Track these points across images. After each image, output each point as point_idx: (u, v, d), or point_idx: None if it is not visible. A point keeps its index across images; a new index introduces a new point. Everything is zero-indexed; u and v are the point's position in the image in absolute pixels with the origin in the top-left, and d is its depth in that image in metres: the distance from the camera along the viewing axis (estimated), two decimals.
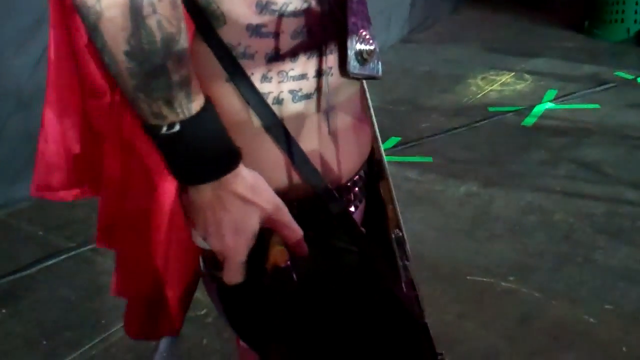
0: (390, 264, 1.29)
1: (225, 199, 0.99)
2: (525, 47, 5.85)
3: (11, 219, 3.44)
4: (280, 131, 1.12)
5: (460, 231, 3.28)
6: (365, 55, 1.19)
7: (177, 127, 0.94)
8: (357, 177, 1.28)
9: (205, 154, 0.97)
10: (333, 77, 1.17)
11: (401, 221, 1.33)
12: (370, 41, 1.19)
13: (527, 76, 5.20)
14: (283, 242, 1.04)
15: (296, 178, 1.16)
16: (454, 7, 6.86)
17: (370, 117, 1.35)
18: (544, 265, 2.99)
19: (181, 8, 0.93)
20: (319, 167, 1.17)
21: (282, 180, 1.15)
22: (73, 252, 3.13)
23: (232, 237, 1.01)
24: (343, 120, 1.23)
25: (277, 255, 1.03)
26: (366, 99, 1.34)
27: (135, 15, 0.88)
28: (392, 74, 5.26)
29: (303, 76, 1.13)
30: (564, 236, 3.20)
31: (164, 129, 0.94)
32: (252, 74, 1.08)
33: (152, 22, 0.89)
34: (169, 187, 1.06)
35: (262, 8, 1.06)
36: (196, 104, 0.95)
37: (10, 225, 3.38)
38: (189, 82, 0.94)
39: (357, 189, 1.29)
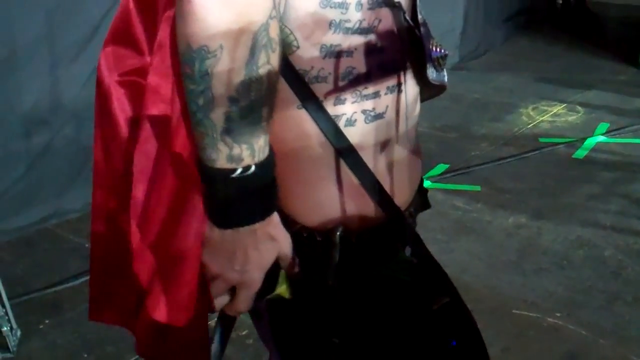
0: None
1: (260, 238, 0.98)
2: (578, 79, 5.77)
3: (59, 229, 3.47)
4: (353, 157, 1.11)
5: (507, 263, 3.23)
6: (440, 62, 1.22)
7: (252, 170, 0.92)
8: (412, 207, 1.26)
9: (263, 195, 0.96)
10: (402, 94, 1.16)
11: None
12: (443, 49, 1.20)
13: (579, 108, 5.12)
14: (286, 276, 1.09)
15: (364, 205, 1.15)
16: (506, 37, 6.80)
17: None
18: (592, 302, 2.93)
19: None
20: (388, 191, 1.16)
21: (352, 208, 1.15)
22: None
23: (257, 272, 1.01)
24: (408, 143, 1.22)
25: (284, 290, 1.09)
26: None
27: (252, 64, 0.87)
28: (442, 100, 5.13)
29: (376, 94, 1.12)
30: (613, 273, 3.13)
31: (238, 171, 0.92)
32: (325, 97, 1.07)
33: (264, 72, 0.89)
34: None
35: (336, 27, 1.05)
36: (268, 146, 0.95)
37: (57, 236, 3.42)
38: (270, 126, 0.94)
39: (411, 218, 1.27)
